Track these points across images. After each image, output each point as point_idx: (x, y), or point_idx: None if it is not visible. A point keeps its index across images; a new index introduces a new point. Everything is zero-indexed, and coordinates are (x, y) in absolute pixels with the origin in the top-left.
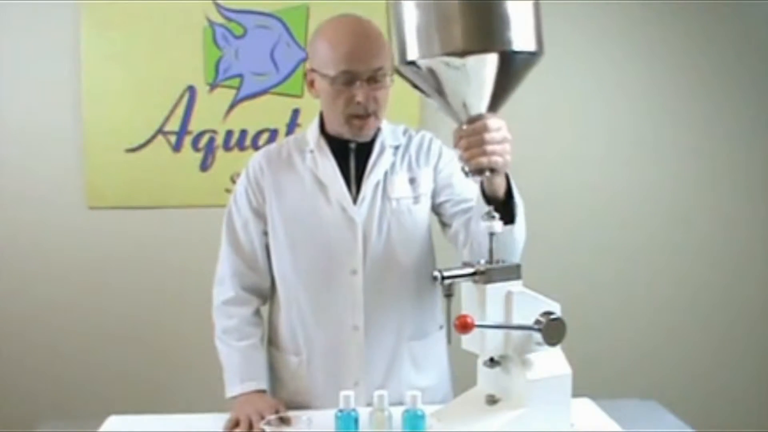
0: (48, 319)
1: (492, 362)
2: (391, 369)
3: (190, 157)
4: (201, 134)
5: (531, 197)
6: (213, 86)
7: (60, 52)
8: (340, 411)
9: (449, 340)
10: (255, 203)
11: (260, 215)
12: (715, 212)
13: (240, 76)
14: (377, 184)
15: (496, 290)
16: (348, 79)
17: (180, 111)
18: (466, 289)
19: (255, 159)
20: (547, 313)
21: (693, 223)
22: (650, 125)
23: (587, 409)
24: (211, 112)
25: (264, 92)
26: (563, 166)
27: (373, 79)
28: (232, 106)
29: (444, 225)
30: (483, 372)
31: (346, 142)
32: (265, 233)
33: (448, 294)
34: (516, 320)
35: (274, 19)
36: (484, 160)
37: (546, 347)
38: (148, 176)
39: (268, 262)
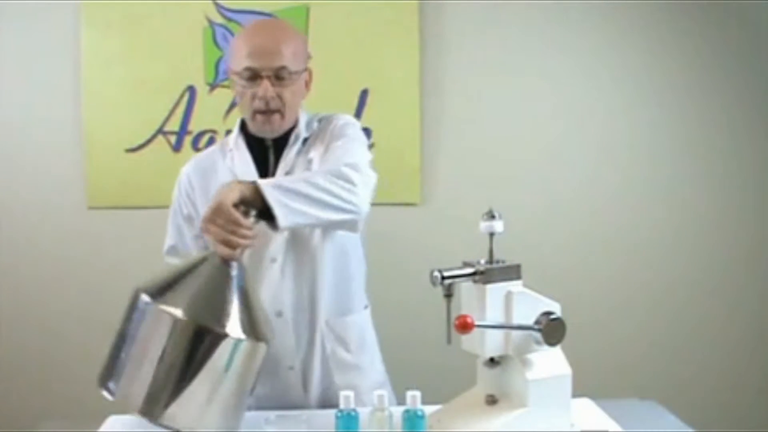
0: (48, 319)
1: (492, 362)
2: (317, 349)
3: (190, 157)
4: (201, 134)
5: (531, 197)
6: (213, 86)
7: (60, 52)
8: (340, 411)
9: (449, 340)
10: (186, 211)
11: (191, 221)
12: (716, 212)
13: None
14: (288, 174)
15: (496, 290)
16: (250, 75)
17: (180, 111)
18: (466, 289)
19: (183, 170)
20: (547, 313)
21: (693, 223)
22: (649, 125)
23: (587, 409)
24: (211, 112)
25: None
26: (563, 166)
27: (278, 77)
28: (232, 106)
29: None
30: (483, 372)
31: (264, 139)
32: (200, 236)
33: (448, 294)
34: (516, 320)
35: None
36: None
37: (546, 347)
38: (148, 176)
39: None
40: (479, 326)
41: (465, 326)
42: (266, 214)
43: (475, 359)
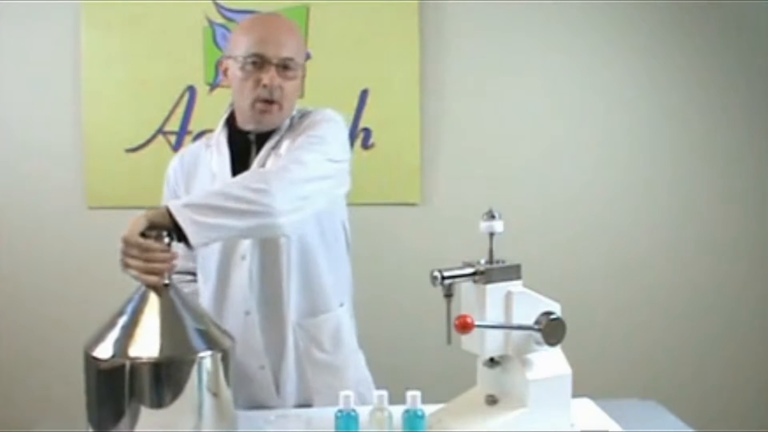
0: (48, 319)
1: (492, 362)
2: (288, 348)
3: None
4: (201, 134)
5: (531, 197)
6: (213, 86)
7: (60, 52)
8: (340, 411)
9: (449, 340)
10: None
11: None
12: (716, 212)
13: None
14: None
15: (496, 290)
16: (257, 61)
17: (180, 111)
18: (466, 289)
19: (170, 164)
20: (547, 313)
21: (693, 222)
22: (649, 125)
23: (587, 409)
24: (211, 112)
25: None
26: (563, 166)
27: (283, 68)
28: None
29: None
30: (483, 372)
31: (247, 133)
32: None
33: (448, 294)
34: (516, 320)
35: None
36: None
37: (546, 347)
38: (148, 176)
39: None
40: (479, 326)
41: (465, 326)
42: (182, 234)
43: (475, 359)
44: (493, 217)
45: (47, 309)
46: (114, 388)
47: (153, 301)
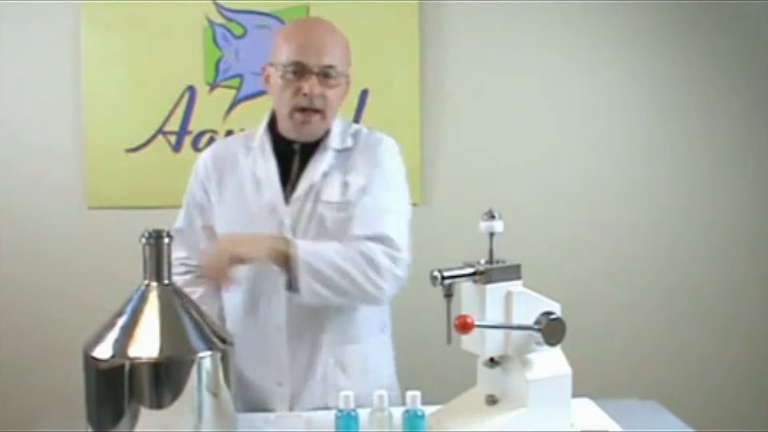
0: (48, 319)
1: (492, 362)
2: (313, 371)
3: (190, 157)
4: (201, 134)
5: (531, 197)
6: (213, 86)
7: (60, 52)
8: (340, 411)
9: (449, 340)
10: (198, 199)
11: (203, 211)
12: (716, 213)
13: (240, 76)
14: (312, 186)
15: (496, 290)
16: (298, 69)
17: (180, 111)
18: (466, 289)
19: (202, 157)
20: (547, 313)
21: (693, 223)
22: (649, 125)
23: (587, 409)
24: (211, 112)
25: (264, 92)
26: (563, 166)
27: (325, 76)
28: (232, 106)
29: None
30: (483, 372)
31: (291, 142)
32: (209, 227)
33: (448, 294)
34: (516, 320)
35: (274, 19)
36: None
37: (546, 347)
38: (148, 176)
39: None
40: (479, 326)
41: (465, 326)
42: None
43: (475, 359)
44: (493, 217)
45: (47, 309)
46: (114, 388)
47: (152, 301)
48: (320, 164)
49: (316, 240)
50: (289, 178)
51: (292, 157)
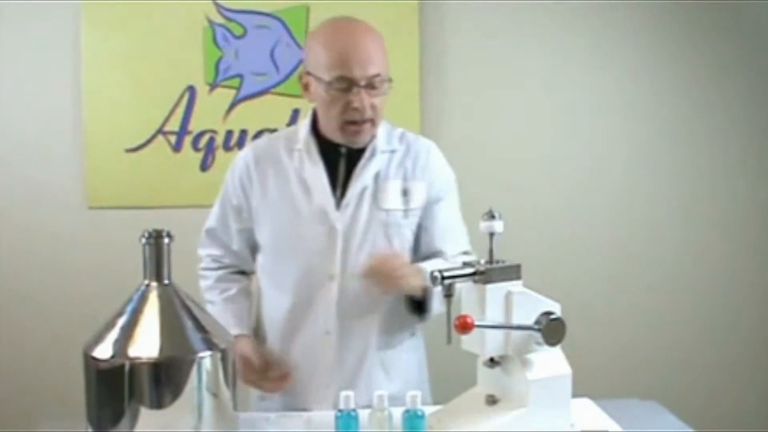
0: (48, 319)
1: (492, 362)
2: (360, 374)
3: (190, 157)
4: (201, 134)
5: (531, 197)
6: (213, 86)
7: (60, 52)
8: (340, 411)
9: (449, 340)
10: (235, 202)
11: (240, 213)
12: (715, 213)
13: (240, 76)
14: (364, 190)
15: (496, 290)
16: (344, 85)
17: (180, 111)
18: (466, 289)
19: (242, 157)
20: (547, 313)
21: (693, 223)
22: (650, 125)
23: (587, 409)
24: (211, 112)
25: (264, 92)
26: (563, 166)
27: (371, 86)
28: (232, 106)
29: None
30: (483, 372)
31: (338, 145)
32: (246, 229)
33: (448, 294)
34: (516, 320)
35: (274, 19)
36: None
37: (546, 347)
38: (148, 176)
39: (249, 253)
40: (479, 326)
41: (465, 326)
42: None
43: (475, 359)
44: (493, 217)
45: (47, 309)
46: (114, 388)
47: (152, 301)
48: (370, 168)
49: (374, 247)
50: (336, 181)
51: (338, 160)
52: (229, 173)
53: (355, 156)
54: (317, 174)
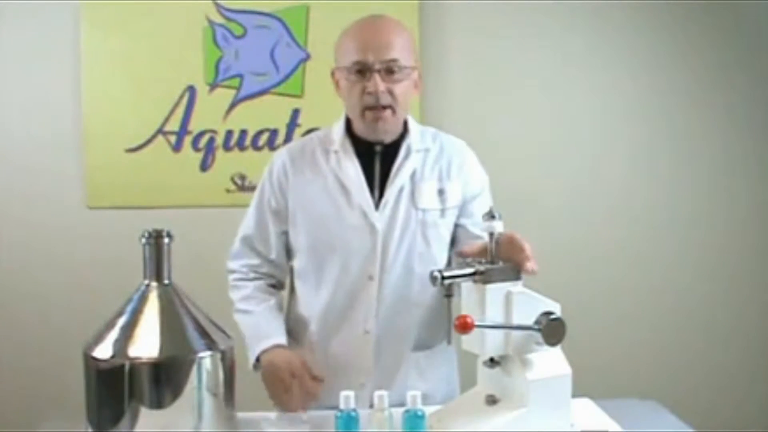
0: (48, 319)
1: (492, 362)
2: (397, 375)
3: (190, 157)
4: (201, 134)
5: (531, 197)
6: (213, 86)
7: (60, 52)
8: (340, 411)
9: (449, 341)
10: (275, 204)
11: (280, 216)
12: (715, 215)
13: (240, 76)
14: (401, 190)
15: (496, 290)
16: (360, 69)
17: (180, 111)
18: (466, 289)
19: (279, 158)
20: (547, 313)
21: (693, 223)
22: (650, 126)
23: (587, 409)
24: (211, 112)
25: (264, 92)
26: (563, 166)
27: (388, 71)
28: (232, 106)
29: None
30: (483, 372)
31: (372, 144)
32: (285, 232)
33: (448, 294)
34: (516, 320)
35: (274, 19)
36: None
37: (546, 347)
38: (148, 176)
39: (285, 260)
40: (479, 326)
41: (465, 326)
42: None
43: (475, 359)
44: (493, 217)
45: (47, 309)
46: (114, 388)
47: (152, 301)
48: (407, 167)
49: (412, 246)
50: (372, 181)
51: (373, 159)
52: (265, 176)
53: (390, 155)
54: (355, 174)
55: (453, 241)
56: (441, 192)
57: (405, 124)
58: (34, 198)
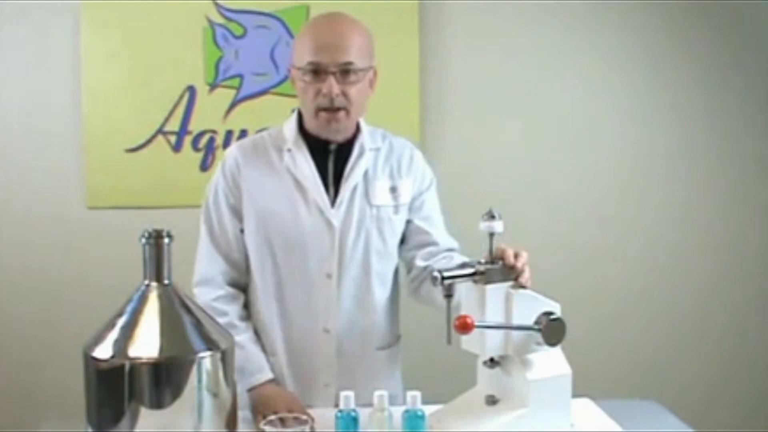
0: (48, 319)
1: (492, 362)
2: (362, 375)
3: (190, 157)
4: (201, 134)
5: (531, 197)
6: (213, 86)
7: (60, 52)
8: (340, 411)
9: (449, 341)
10: (232, 200)
11: (237, 213)
12: (715, 213)
13: (240, 76)
14: (355, 188)
15: (496, 290)
16: (315, 70)
17: (180, 111)
18: (466, 289)
19: (230, 154)
20: (547, 313)
21: (693, 223)
22: (648, 126)
23: (587, 409)
24: (211, 112)
25: (264, 92)
26: (564, 166)
27: (343, 74)
28: (232, 106)
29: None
30: (483, 372)
31: (326, 143)
32: (242, 230)
33: (448, 294)
34: (516, 320)
35: (274, 19)
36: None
37: (546, 347)
38: (148, 176)
39: (245, 260)
40: (479, 326)
41: (465, 326)
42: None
43: (475, 359)
44: (493, 217)
45: (47, 309)
46: (114, 388)
47: (152, 301)
48: (360, 165)
49: (368, 243)
50: (326, 179)
51: (326, 158)
52: (218, 176)
53: (342, 153)
54: (310, 172)
55: (403, 239)
56: (393, 189)
57: (357, 123)
58: (34, 198)
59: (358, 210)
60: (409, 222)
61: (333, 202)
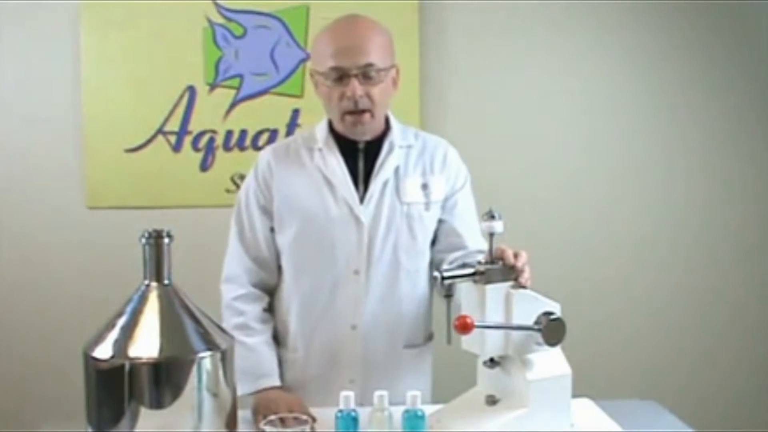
0: (47, 319)
1: (492, 362)
2: (386, 372)
3: (190, 157)
4: (201, 134)
5: (531, 197)
6: (213, 86)
7: (60, 52)
8: (340, 411)
9: (449, 341)
10: (263, 201)
11: (267, 213)
12: (715, 213)
13: (240, 76)
14: (385, 184)
15: (496, 290)
16: (338, 75)
17: (180, 111)
18: (466, 289)
19: (263, 156)
20: (547, 313)
21: (692, 223)
22: (648, 126)
23: (587, 409)
24: (211, 112)
25: (264, 92)
26: (564, 166)
27: (365, 76)
28: (232, 106)
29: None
30: (483, 372)
31: (355, 142)
32: (272, 230)
33: (448, 294)
34: (516, 320)
35: (274, 19)
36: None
37: (546, 347)
38: (148, 176)
39: (275, 259)
40: (479, 326)
41: (465, 326)
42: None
43: (475, 359)
44: (493, 217)
45: (47, 309)
46: (113, 388)
47: (152, 301)
48: (390, 162)
49: (397, 240)
50: (356, 177)
51: (356, 156)
52: (250, 178)
53: (373, 152)
54: (338, 169)
55: (434, 239)
56: (425, 186)
57: (387, 120)
58: (34, 198)
59: (387, 207)
60: (441, 222)
61: (362, 199)
